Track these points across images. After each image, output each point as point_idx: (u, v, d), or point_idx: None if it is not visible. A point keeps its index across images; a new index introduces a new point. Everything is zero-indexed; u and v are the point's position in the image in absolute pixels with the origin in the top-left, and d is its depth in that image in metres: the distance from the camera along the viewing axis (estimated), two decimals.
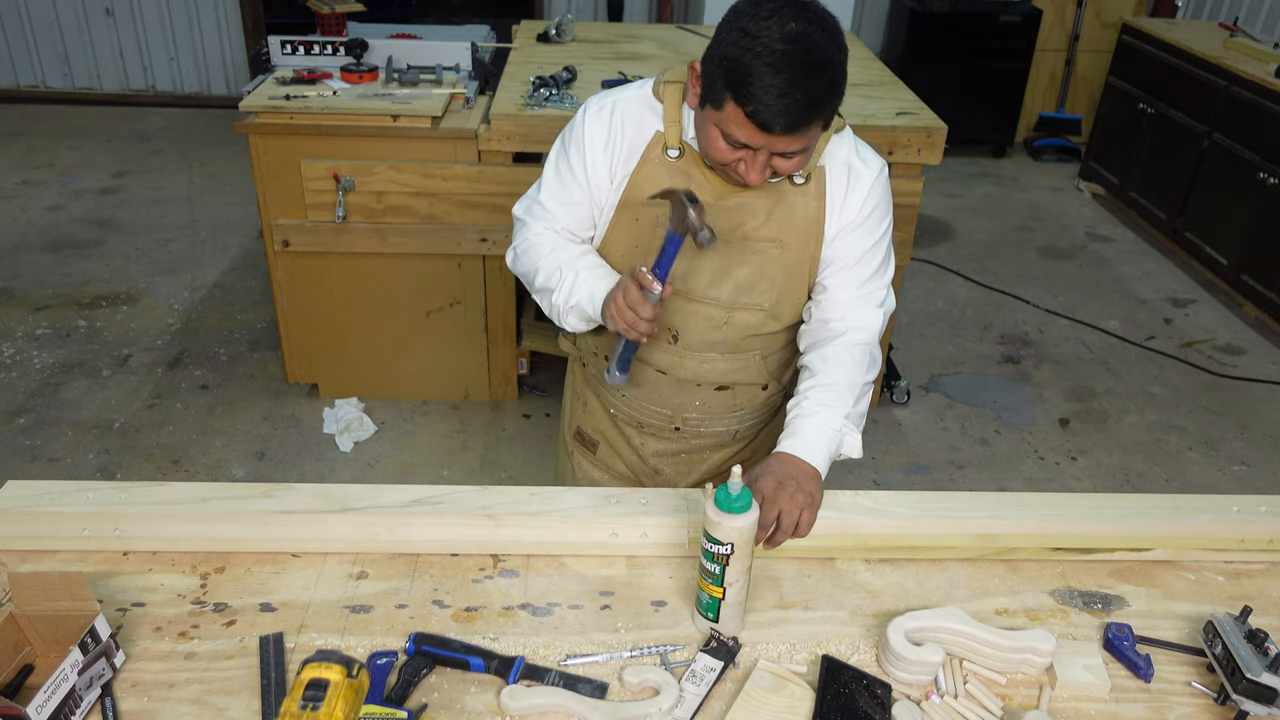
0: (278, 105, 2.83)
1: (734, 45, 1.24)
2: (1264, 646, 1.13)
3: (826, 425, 1.41)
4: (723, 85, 1.26)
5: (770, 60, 1.22)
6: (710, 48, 1.30)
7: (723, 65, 1.26)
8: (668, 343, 1.56)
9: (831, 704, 1.11)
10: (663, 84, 1.46)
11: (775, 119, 1.24)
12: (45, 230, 4.50)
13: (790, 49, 1.22)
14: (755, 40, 1.22)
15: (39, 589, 1.10)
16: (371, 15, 3.96)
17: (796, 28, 1.22)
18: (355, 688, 1.06)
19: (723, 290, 1.50)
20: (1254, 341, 4.05)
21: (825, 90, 1.25)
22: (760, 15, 1.23)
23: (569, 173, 1.51)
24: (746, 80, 1.23)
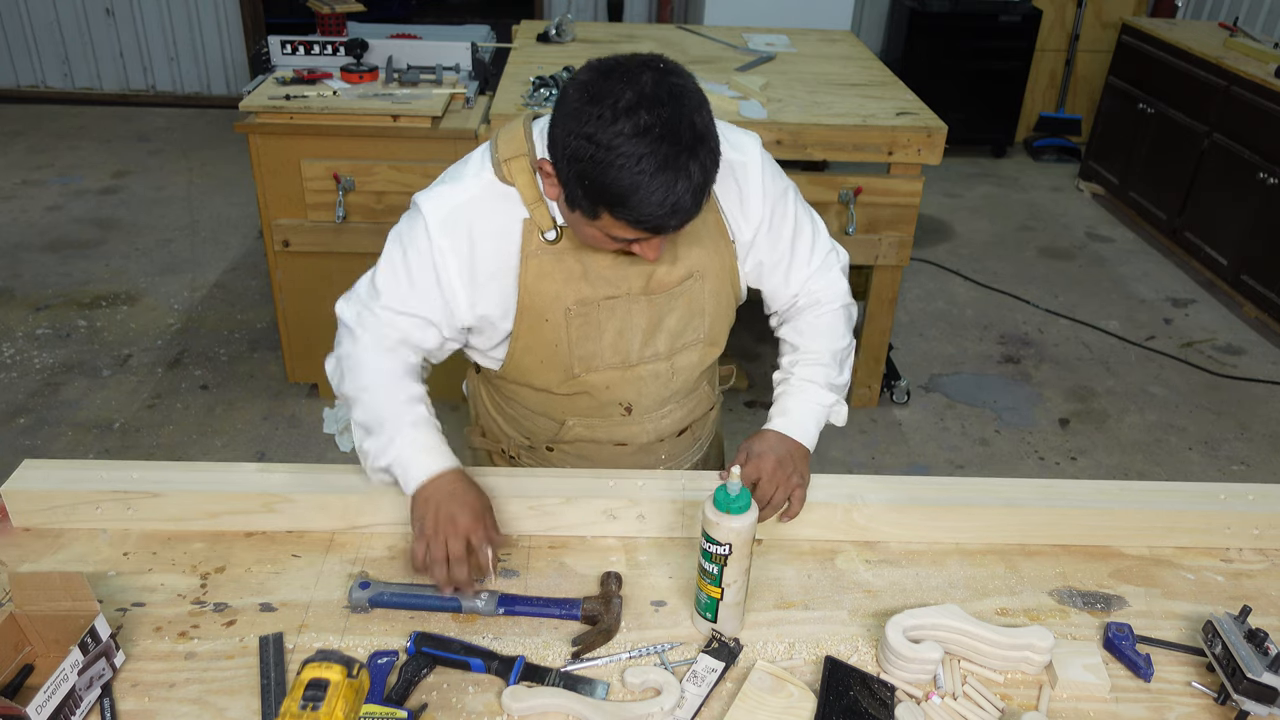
0: (278, 105, 2.83)
1: (591, 161, 1.11)
2: (1264, 646, 1.13)
3: (815, 402, 1.44)
4: (593, 201, 1.14)
5: (640, 169, 1.09)
6: (559, 143, 1.15)
7: (586, 183, 1.13)
8: (621, 416, 1.48)
9: (834, 705, 1.11)
10: (505, 163, 1.29)
11: (667, 221, 1.15)
12: (45, 230, 4.50)
13: (657, 147, 1.09)
14: (613, 152, 1.09)
15: (39, 589, 1.10)
16: (371, 15, 3.96)
17: (650, 118, 1.09)
18: (355, 688, 1.06)
19: (659, 345, 1.42)
20: (1254, 341, 4.05)
21: (707, 167, 1.15)
22: (605, 118, 1.09)
23: (410, 286, 1.32)
24: (621, 199, 1.12)
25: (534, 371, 1.41)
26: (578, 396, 1.45)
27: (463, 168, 1.34)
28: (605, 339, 1.38)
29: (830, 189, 2.99)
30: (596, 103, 1.10)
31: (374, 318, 1.34)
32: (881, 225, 3.05)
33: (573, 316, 1.35)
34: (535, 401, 1.49)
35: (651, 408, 1.49)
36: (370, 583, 1.26)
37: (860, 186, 2.98)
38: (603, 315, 1.36)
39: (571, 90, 1.14)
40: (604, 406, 1.46)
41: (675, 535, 1.40)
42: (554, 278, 1.33)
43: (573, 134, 1.12)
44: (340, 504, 1.37)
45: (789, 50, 3.72)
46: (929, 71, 5.28)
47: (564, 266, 1.33)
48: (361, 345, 1.34)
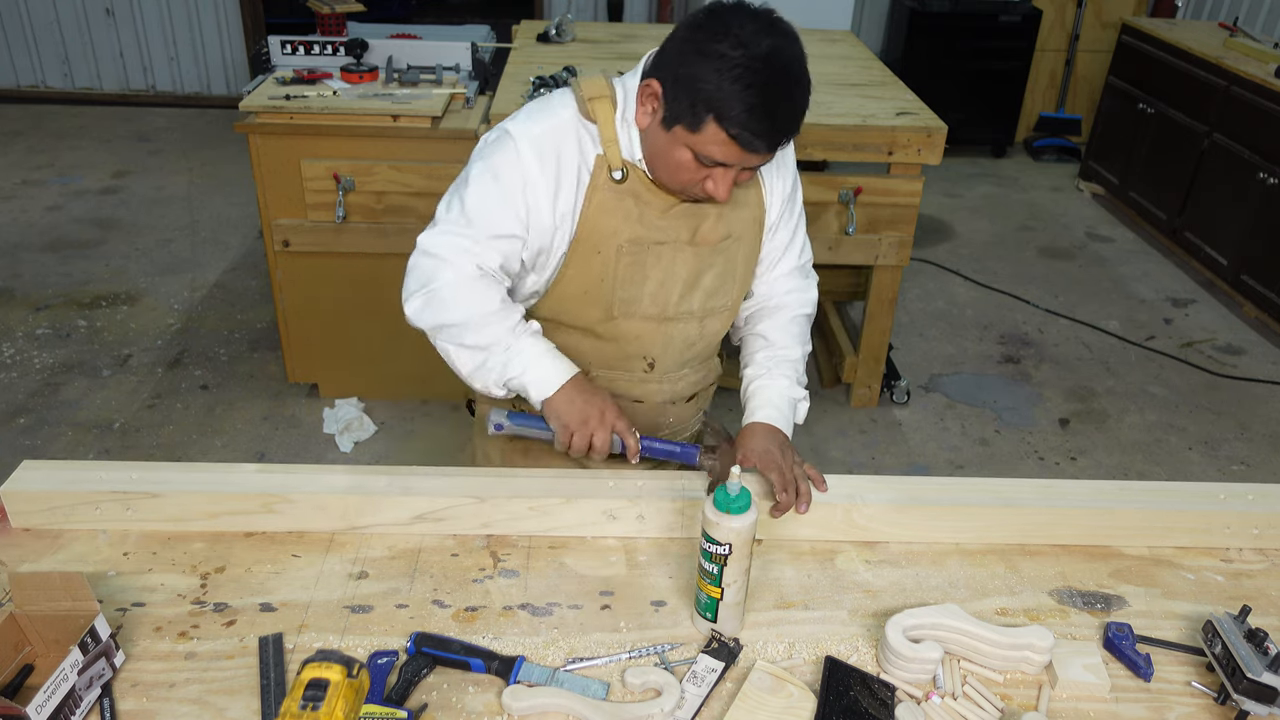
0: (278, 105, 2.83)
1: (710, 69, 1.21)
2: (1264, 646, 1.13)
3: (789, 395, 1.53)
4: (702, 109, 1.23)
5: (753, 82, 1.20)
6: (670, 66, 1.26)
7: (698, 89, 1.22)
8: (643, 372, 1.54)
9: (834, 705, 1.11)
10: (590, 101, 1.37)
11: (762, 140, 1.24)
12: (45, 230, 4.50)
13: (770, 70, 1.20)
14: (732, 63, 1.19)
15: (39, 589, 1.10)
16: (371, 15, 3.96)
17: (771, 43, 1.21)
18: (355, 688, 1.06)
19: (694, 301, 1.48)
20: (1254, 341, 4.05)
21: (803, 105, 1.26)
22: (729, 34, 1.20)
23: (504, 205, 1.36)
24: (730, 105, 1.21)
25: (576, 304, 1.46)
26: (608, 343, 1.49)
27: (545, 105, 1.41)
28: (648, 285, 1.44)
29: (830, 189, 2.99)
30: (720, 25, 1.21)
31: (471, 245, 1.36)
32: (881, 225, 3.05)
33: (623, 254, 1.41)
34: (566, 341, 1.50)
35: (672, 368, 1.55)
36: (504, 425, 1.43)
37: (860, 186, 2.98)
38: (649, 259, 1.42)
39: (689, 19, 1.26)
40: (629, 359, 1.52)
41: (675, 535, 1.40)
42: (614, 213, 1.39)
43: (693, 48, 1.22)
44: (340, 504, 1.37)
45: None
46: (929, 71, 5.28)
47: (623, 205, 1.39)
48: (462, 274, 1.37)
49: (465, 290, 1.37)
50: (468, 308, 1.37)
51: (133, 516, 1.36)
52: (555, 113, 1.38)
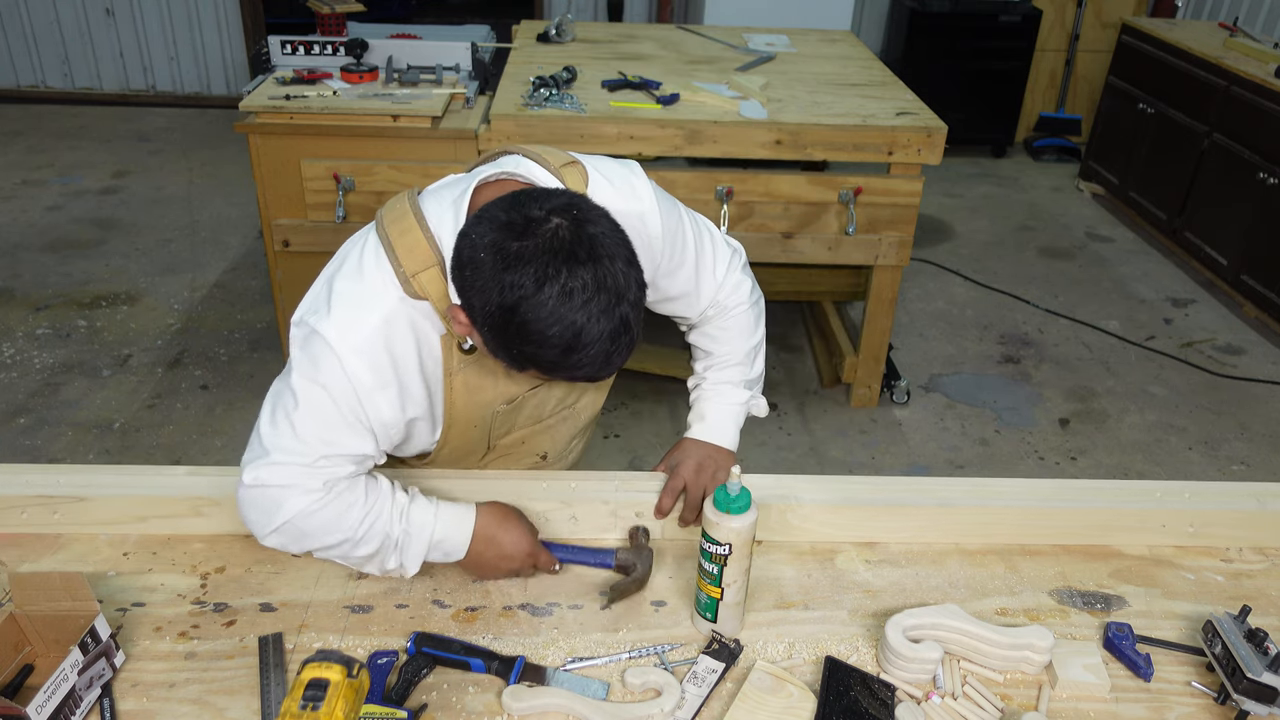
0: (278, 105, 2.83)
1: (519, 334, 1.03)
2: (1264, 646, 1.13)
3: (731, 402, 1.47)
4: (521, 363, 1.08)
5: (573, 340, 1.02)
6: (474, 313, 1.06)
7: (509, 348, 1.06)
8: (537, 462, 1.52)
9: (834, 705, 1.11)
10: (414, 278, 1.15)
11: (596, 375, 1.10)
12: (45, 230, 4.50)
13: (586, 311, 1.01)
14: (537, 323, 1.01)
15: (39, 589, 1.10)
16: (371, 15, 3.96)
17: (574, 281, 1.00)
18: (355, 688, 1.06)
19: (569, 397, 1.45)
20: (1254, 341, 4.05)
21: (639, 310, 1.08)
22: (529, 283, 1.00)
23: (341, 424, 1.17)
24: (549, 364, 1.06)
25: (457, 461, 1.41)
26: (494, 462, 1.47)
27: (360, 289, 1.17)
28: (523, 415, 1.40)
29: (830, 189, 2.99)
30: (513, 268, 1.01)
31: (310, 468, 1.17)
32: (881, 225, 3.05)
33: (499, 413, 1.35)
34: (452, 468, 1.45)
35: (562, 447, 1.53)
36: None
37: (860, 186, 2.98)
38: (525, 400, 1.37)
39: (482, 254, 1.03)
40: (522, 458, 1.49)
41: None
42: (481, 389, 1.28)
43: (493, 304, 1.03)
44: None
45: (789, 50, 3.72)
46: (929, 71, 5.27)
47: (489, 373, 1.27)
48: (310, 498, 1.18)
49: (322, 516, 1.19)
50: (335, 530, 1.20)
51: (60, 520, 1.35)
52: (377, 302, 1.16)
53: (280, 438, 1.17)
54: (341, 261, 1.22)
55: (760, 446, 3.23)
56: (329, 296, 1.18)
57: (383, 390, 1.17)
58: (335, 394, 1.16)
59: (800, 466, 3.14)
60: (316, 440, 1.17)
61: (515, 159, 1.26)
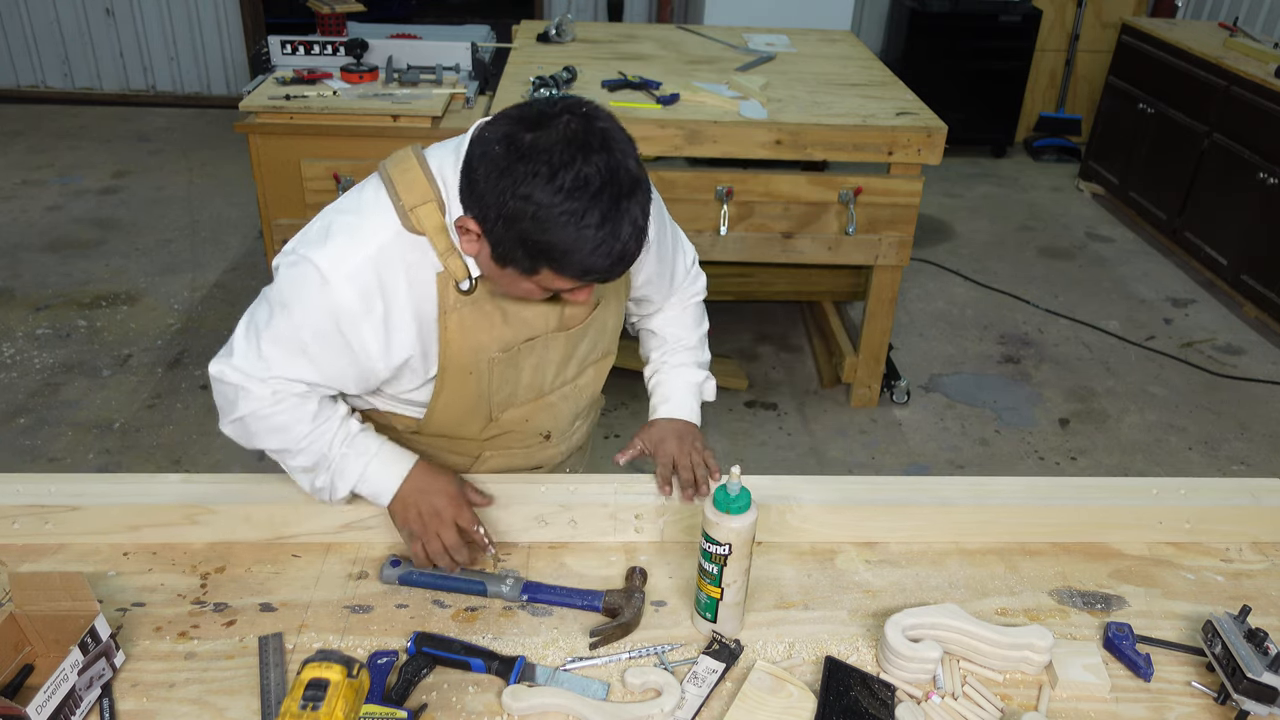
0: (278, 105, 2.83)
1: (533, 220, 1.05)
2: (1264, 646, 1.13)
3: (690, 381, 1.52)
4: (534, 258, 1.10)
5: (586, 224, 1.05)
6: (485, 203, 1.09)
7: (527, 243, 1.08)
8: (540, 443, 1.50)
9: (834, 705, 1.11)
10: (413, 211, 1.18)
11: (614, 270, 1.12)
12: (45, 230, 4.50)
13: (598, 199, 1.05)
14: (554, 209, 1.04)
15: (39, 589, 1.10)
16: (371, 15, 3.96)
17: (588, 169, 1.04)
18: (355, 688, 1.06)
19: (569, 371, 1.44)
20: (1254, 341, 4.05)
21: (646, 210, 1.11)
22: (541, 174, 1.03)
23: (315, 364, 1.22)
24: (566, 254, 1.07)
25: (457, 423, 1.39)
26: (498, 437, 1.46)
27: (357, 213, 1.21)
28: (523, 378, 1.38)
29: (830, 189, 2.99)
30: (527, 158, 1.04)
31: (267, 379, 1.23)
32: (881, 225, 3.05)
33: (495, 364, 1.32)
34: (453, 445, 1.45)
35: (566, 426, 1.53)
36: (400, 560, 1.30)
37: (860, 186, 2.98)
38: (522, 356, 1.35)
39: (496, 146, 1.07)
40: (525, 438, 1.49)
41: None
42: (477, 329, 1.27)
43: (506, 194, 1.05)
44: (265, 514, 1.35)
45: (789, 50, 3.72)
46: (929, 71, 5.27)
47: (484, 315, 1.27)
48: (262, 403, 1.24)
49: (271, 420, 1.24)
50: (279, 436, 1.26)
51: (52, 530, 1.34)
52: (372, 233, 1.18)
53: (246, 347, 1.23)
54: (341, 199, 1.27)
55: (760, 446, 3.23)
56: (326, 228, 1.21)
57: (367, 316, 1.19)
58: (312, 321, 1.19)
59: (800, 466, 3.13)
60: (276, 362, 1.22)
61: None
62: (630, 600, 1.25)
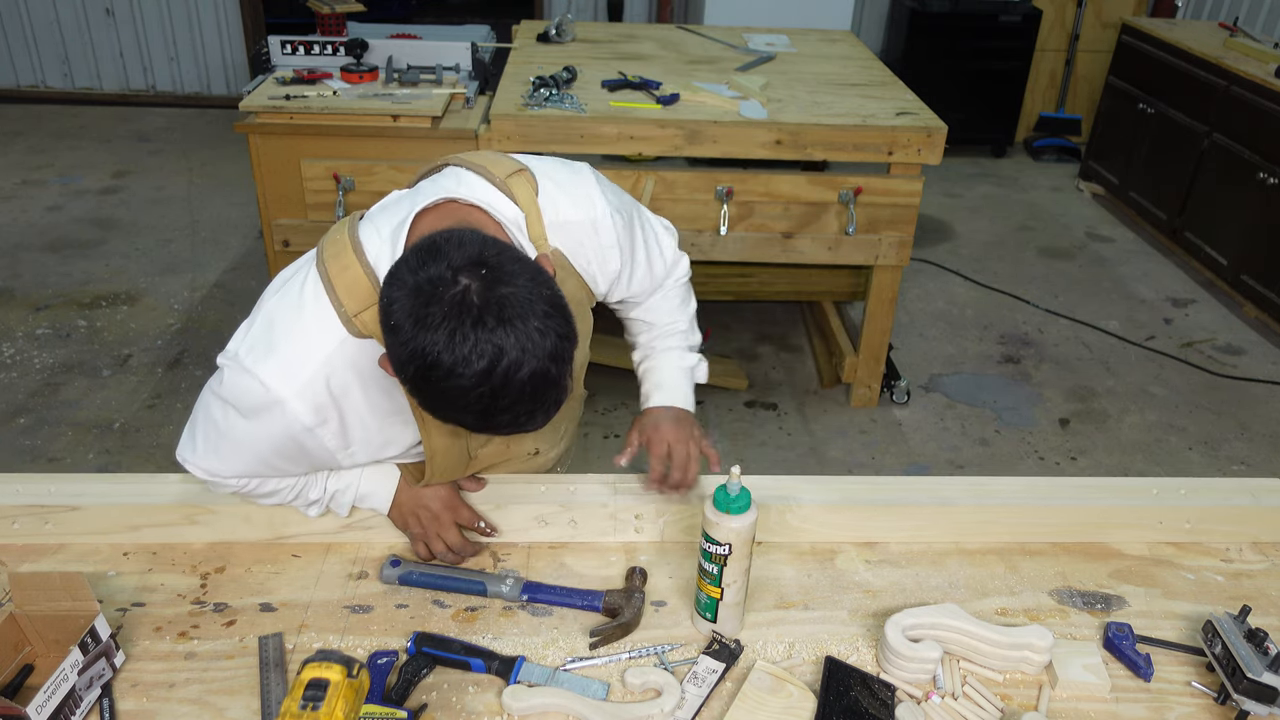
0: (278, 105, 2.83)
1: (438, 398, 0.99)
2: (1264, 646, 1.13)
3: (681, 365, 1.48)
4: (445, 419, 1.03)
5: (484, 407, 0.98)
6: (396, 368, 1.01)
7: (440, 416, 1.03)
8: (529, 457, 1.50)
9: (834, 705, 1.11)
10: (357, 317, 1.13)
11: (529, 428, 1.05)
12: (45, 230, 4.50)
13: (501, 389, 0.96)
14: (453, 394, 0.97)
15: (39, 589, 1.10)
16: (371, 15, 3.96)
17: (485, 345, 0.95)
18: (355, 688, 1.06)
19: None
20: (1254, 341, 4.05)
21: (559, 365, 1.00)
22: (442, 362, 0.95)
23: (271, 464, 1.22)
24: (477, 428, 1.03)
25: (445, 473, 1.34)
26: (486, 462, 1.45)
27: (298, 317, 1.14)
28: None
29: (830, 189, 2.99)
30: (422, 334, 0.95)
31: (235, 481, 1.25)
32: (881, 225, 3.05)
33: None
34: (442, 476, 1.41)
35: (552, 438, 1.53)
36: (400, 560, 1.31)
37: (860, 186, 2.98)
38: None
39: (393, 319, 0.98)
40: (512, 462, 1.48)
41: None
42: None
43: (409, 370, 0.98)
44: (264, 514, 1.35)
45: (789, 50, 3.72)
46: (929, 71, 5.27)
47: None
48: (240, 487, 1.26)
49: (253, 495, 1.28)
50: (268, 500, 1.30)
51: (52, 530, 1.34)
52: (319, 344, 1.13)
53: (206, 448, 1.21)
54: (281, 297, 1.18)
55: (760, 446, 3.23)
56: (268, 336, 1.15)
57: (323, 427, 1.17)
58: (267, 435, 1.16)
59: (800, 466, 3.14)
60: (239, 466, 1.22)
61: (457, 173, 1.23)
62: (630, 600, 1.25)
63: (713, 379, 3.42)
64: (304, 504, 1.33)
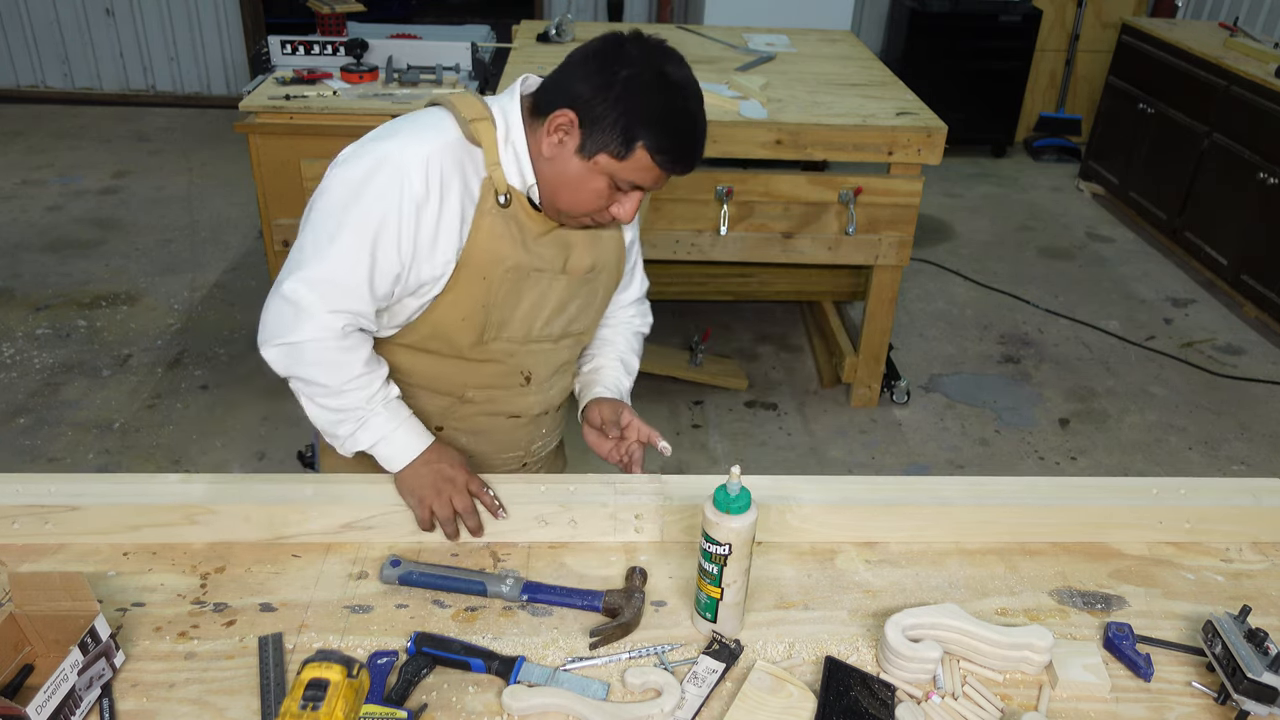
0: (278, 105, 2.83)
1: (632, 97, 1.24)
2: (1264, 646, 1.13)
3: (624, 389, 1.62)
4: (632, 137, 1.25)
5: (675, 108, 1.26)
6: (584, 96, 1.26)
7: (624, 118, 1.24)
8: (520, 385, 1.52)
9: (834, 705, 1.11)
10: (472, 123, 1.32)
11: (687, 162, 1.30)
12: (45, 230, 4.50)
13: (686, 94, 1.28)
14: (653, 91, 1.25)
15: (39, 589, 1.10)
16: (371, 15, 3.96)
17: (677, 70, 1.27)
18: (355, 688, 1.06)
19: (556, 326, 1.49)
20: (1254, 341, 4.05)
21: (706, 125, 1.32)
22: (640, 64, 1.25)
23: (383, 244, 1.29)
24: (659, 132, 1.25)
25: (451, 329, 1.41)
26: (481, 365, 1.47)
27: (425, 124, 1.32)
28: (520, 310, 1.43)
29: (830, 189, 2.99)
30: (627, 56, 1.25)
31: (339, 296, 1.30)
32: (881, 225, 3.05)
33: (505, 280, 1.39)
34: (438, 370, 1.47)
35: (546, 377, 1.55)
36: (401, 560, 1.30)
37: (860, 186, 2.98)
38: (526, 285, 1.41)
39: (587, 52, 1.28)
40: (506, 375, 1.50)
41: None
42: (502, 238, 1.36)
43: (619, 74, 1.24)
44: (264, 514, 1.35)
45: (789, 50, 3.72)
46: (929, 71, 5.28)
47: (509, 230, 1.36)
48: (324, 333, 1.31)
49: (326, 353, 1.32)
50: (327, 372, 1.34)
51: (52, 530, 1.34)
52: (440, 132, 1.31)
53: (319, 251, 1.28)
54: (396, 119, 1.36)
55: (760, 446, 3.23)
56: (389, 130, 1.32)
57: (432, 204, 1.28)
58: (388, 205, 1.26)
59: (800, 466, 3.14)
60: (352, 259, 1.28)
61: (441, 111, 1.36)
62: (630, 600, 1.25)
63: (713, 379, 3.44)
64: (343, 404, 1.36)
